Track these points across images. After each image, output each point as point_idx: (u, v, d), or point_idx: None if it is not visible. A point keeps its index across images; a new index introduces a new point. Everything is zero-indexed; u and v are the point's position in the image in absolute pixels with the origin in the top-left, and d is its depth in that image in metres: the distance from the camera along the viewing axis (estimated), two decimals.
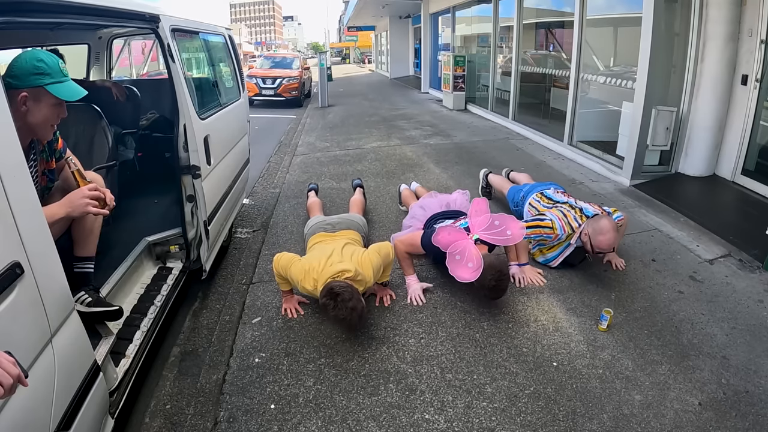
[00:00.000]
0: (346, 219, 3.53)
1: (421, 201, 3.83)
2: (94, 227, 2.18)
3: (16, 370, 1.04)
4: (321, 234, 3.28)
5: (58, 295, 1.49)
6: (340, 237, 3.19)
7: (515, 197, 4.05)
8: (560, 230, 3.22)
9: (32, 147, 1.90)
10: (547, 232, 3.25)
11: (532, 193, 3.83)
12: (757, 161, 4.75)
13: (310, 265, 2.70)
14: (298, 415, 2.19)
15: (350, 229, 3.36)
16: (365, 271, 2.71)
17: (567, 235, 3.23)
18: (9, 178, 1.28)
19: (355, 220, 3.54)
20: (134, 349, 2.22)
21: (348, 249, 2.87)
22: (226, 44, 4.13)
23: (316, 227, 3.41)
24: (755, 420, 2.12)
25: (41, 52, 1.81)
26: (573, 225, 3.23)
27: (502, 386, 2.34)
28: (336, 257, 2.74)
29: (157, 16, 2.57)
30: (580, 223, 3.23)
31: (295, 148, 7.65)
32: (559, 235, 3.23)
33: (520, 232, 2.98)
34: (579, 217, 3.26)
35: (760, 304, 2.99)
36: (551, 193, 3.70)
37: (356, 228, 3.41)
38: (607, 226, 3.01)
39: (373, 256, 2.81)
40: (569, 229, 3.22)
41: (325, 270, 2.63)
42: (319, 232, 3.31)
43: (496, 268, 2.73)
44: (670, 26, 5.06)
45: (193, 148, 2.78)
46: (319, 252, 2.85)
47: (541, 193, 3.75)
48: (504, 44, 9.86)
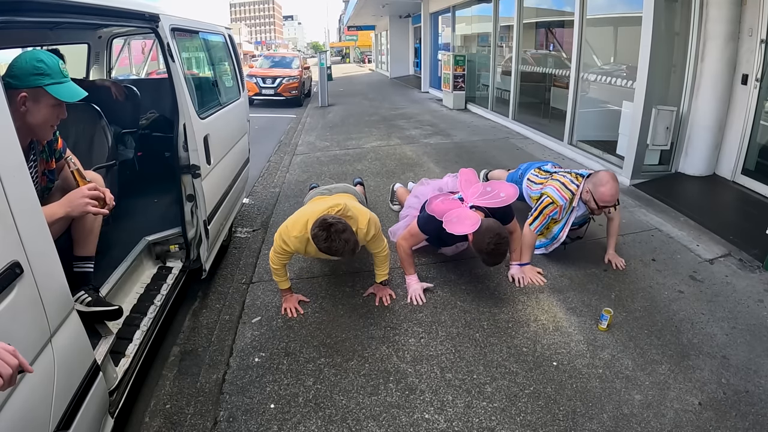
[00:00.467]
0: (343, 185, 3.56)
1: (414, 190, 3.85)
2: (94, 227, 2.18)
3: (15, 360, 1.03)
4: (317, 197, 3.26)
5: (58, 294, 1.49)
6: (336, 197, 3.17)
7: (514, 176, 4.04)
8: (560, 199, 3.20)
9: (32, 147, 1.89)
10: (551, 209, 3.23)
11: (530, 169, 3.85)
12: (757, 161, 4.74)
13: (299, 212, 2.73)
14: (298, 414, 2.20)
15: (347, 193, 3.37)
16: (358, 215, 2.71)
17: (569, 200, 3.23)
18: (9, 179, 1.28)
19: (352, 187, 3.60)
20: (134, 348, 2.22)
21: (342, 198, 2.88)
22: (225, 44, 4.13)
23: (312, 193, 3.46)
24: (755, 420, 2.12)
25: (41, 53, 1.81)
26: (571, 188, 3.22)
27: (502, 386, 2.34)
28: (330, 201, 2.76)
29: (156, 15, 2.57)
30: (577, 184, 3.22)
31: (295, 148, 7.65)
32: (561, 204, 3.21)
33: (513, 192, 2.97)
34: (575, 178, 3.26)
35: (760, 304, 2.99)
36: (548, 168, 3.74)
37: (353, 193, 3.43)
38: (606, 177, 3.02)
39: (365, 210, 2.85)
40: (568, 193, 3.21)
41: (315, 209, 2.64)
42: (315, 196, 3.32)
43: (495, 230, 2.67)
44: (671, 25, 5.06)
45: (193, 148, 2.78)
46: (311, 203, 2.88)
47: (539, 168, 3.78)
48: (504, 44, 9.85)
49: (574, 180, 3.25)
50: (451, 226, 2.78)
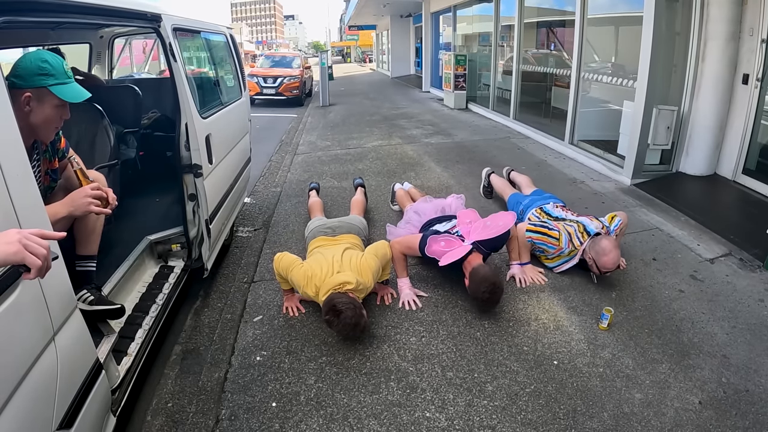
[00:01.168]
0: (346, 222, 3.52)
1: (416, 206, 3.82)
2: (96, 226, 2.19)
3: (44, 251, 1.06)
4: (321, 238, 3.28)
5: (61, 293, 1.50)
6: (340, 242, 3.19)
7: (515, 209, 4.02)
8: (565, 245, 3.23)
9: (35, 147, 1.90)
10: (551, 242, 3.26)
11: (531, 207, 3.80)
12: (758, 160, 4.74)
13: (312, 271, 2.72)
14: (300, 413, 2.20)
15: (350, 233, 3.37)
16: (365, 279, 2.73)
17: (570, 251, 3.24)
18: (12, 178, 1.29)
19: (355, 223, 3.54)
20: (136, 347, 2.23)
21: (347, 254, 2.88)
22: (227, 43, 4.14)
23: (316, 231, 3.41)
24: (755, 419, 2.12)
25: (46, 53, 1.81)
26: (575, 243, 3.23)
27: (502, 384, 2.35)
28: (337, 265, 2.76)
29: (158, 15, 2.57)
30: (582, 241, 3.23)
31: (296, 147, 7.66)
32: (562, 248, 3.23)
33: (511, 219, 3.04)
34: (581, 234, 3.25)
35: (761, 303, 2.99)
36: (550, 209, 3.69)
37: (356, 231, 3.42)
38: (608, 246, 3.02)
39: (371, 260, 2.83)
40: (572, 247, 3.23)
41: (327, 280, 2.65)
42: (320, 236, 3.31)
43: (490, 280, 2.74)
44: (671, 25, 5.06)
45: (195, 147, 2.79)
46: (320, 257, 2.86)
47: (540, 209, 3.72)
48: (505, 43, 9.85)
49: (580, 237, 3.25)
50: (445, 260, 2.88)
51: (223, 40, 4.06)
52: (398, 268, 3.12)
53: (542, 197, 3.95)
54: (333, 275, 2.68)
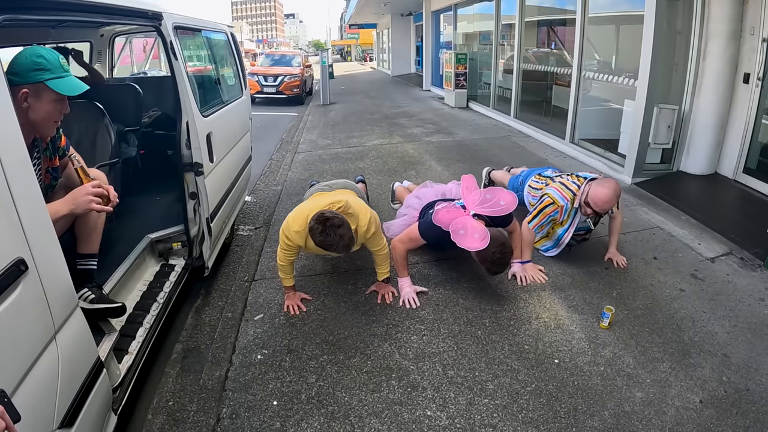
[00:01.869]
0: (343, 181, 3.57)
1: (417, 191, 3.84)
2: (98, 224, 2.19)
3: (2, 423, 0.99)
4: (318, 193, 3.28)
5: (62, 291, 1.50)
6: (337, 192, 3.19)
7: (515, 183, 4.07)
8: (561, 199, 3.21)
9: (36, 145, 1.90)
10: (552, 209, 3.24)
11: (531, 176, 3.87)
12: (759, 160, 4.74)
13: (301, 207, 2.75)
14: (301, 411, 2.20)
15: (347, 188, 3.39)
16: (359, 212, 2.73)
17: (570, 200, 3.23)
18: (13, 176, 1.28)
19: (352, 183, 3.59)
20: (137, 345, 2.23)
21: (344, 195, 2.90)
22: (228, 42, 4.14)
23: (313, 189, 3.47)
24: (756, 418, 2.12)
25: (41, 48, 1.80)
26: (572, 188, 3.23)
27: (503, 383, 2.35)
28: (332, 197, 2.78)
29: (159, 13, 2.57)
30: (578, 185, 3.23)
31: (296, 146, 7.65)
32: (563, 205, 3.22)
33: (512, 200, 3.00)
34: (576, 180, 3.26)
35: (761, 303, 2.99)
36: (549, 173, 3.75)
37: (353, 188, 3.44)
38: (608, 182, 3.05)
39: (365, 206, 2.86)
40: (570, 194, 3.22)
41: (317, 204, 2.66)
42: (316, 192, 3.33)
43: (500, 240, 2.74)
44: (672, 24, 5.05)
45: (196, 146, 2.79)
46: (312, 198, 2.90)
47: (539, 174, 3.79)
48: (506, 42, 9.84)
49: (575, 181, 3.26)
50: (460, 239, 2.80)
51: (223, 39, 4.06)
52: (399, 268, 3.12)
53: (540, 168, 4.01)
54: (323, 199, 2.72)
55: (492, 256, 2.72)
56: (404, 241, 3.10)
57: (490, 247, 2.70)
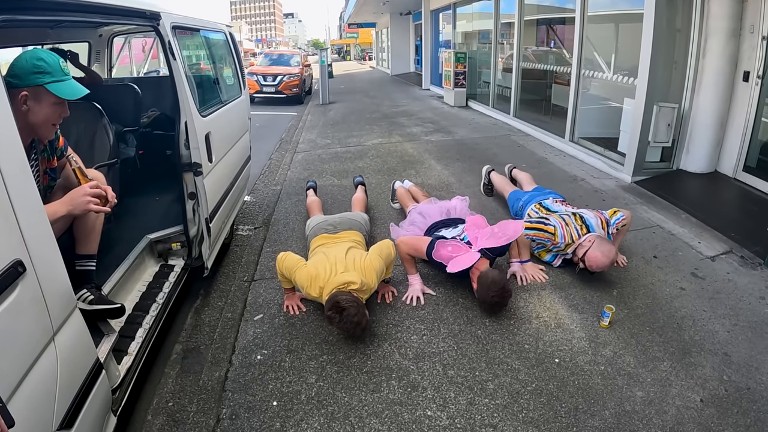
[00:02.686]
0: (347, 219, 3.51)
1: (420, 207, 3.79)
2: (96, 225, 2.18)
3: None
4: (323, 236, 3.27)
5: (61, 293, 1.49)
6: (343, 239, 3.19)
7: (515, 206, 4.03)
8: (560, 238, 3.21)
9: (33, 146, 1.89)
10: (547, 237, 3.25)
11: (531, 203, 3.79)
12: (759, 158, 4.74)
13: (316, 272, 2.71)
14: (301, 411, 2.20)
15: (352, 229, 3.36)
16: (369, 279, 2.72)
17: (566, 244, 3.23)
18: (11, 177, 1.28)
19: (356, 219, 3.53)
20: (136, 346, 2.22)
21: (351, 254, 2.86)
22: (226, 41, 4.13)
23: (317, 228, 3.39)
24: (757, 417, 2.12)
25: (42, 51, 1.81)
26: (573, 236, 3.22)
27: (504, 383, 2.34)
28: (341, 265, 2.74)
29: (157, 13, 2.56)
30: (580, 235, 3.22)
31: (296, 145, 7.65)
32: (558, 243, 3.22)
33: (519, 226, 3.01)
34: (580, 228, 3.24)
35: (762, 301, 2.99)
36: (549, 203, 3.68)
37: (358, 228, 3.41)
38: (608, 249, 3.02)
39: (375, 260, 2.82)
40: (569, 239, 3.21)
41: (331, 280, 2.65)
42: (321, 233, 3.30)
43: (500, 284, 2.73)
44: (672, 22, 5.04)
45: (195, 146, 2.78)
46: (323, 258, 2.84)
47: (540, 204, 3.72)
48: (505, 41, 9.84)
49: (578, 230, 3.23)
50: (453, 266, 2.85)
51: (222, 38, 4.05)
52: (407, 266, 3.13)
53: (542, 193, 3.94)
54: (337, 275, 2.67)
55: (491, 299, 2.74)
56: (408, 246, 3.10)
57: (489, 290, 2.73)
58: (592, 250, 3.04)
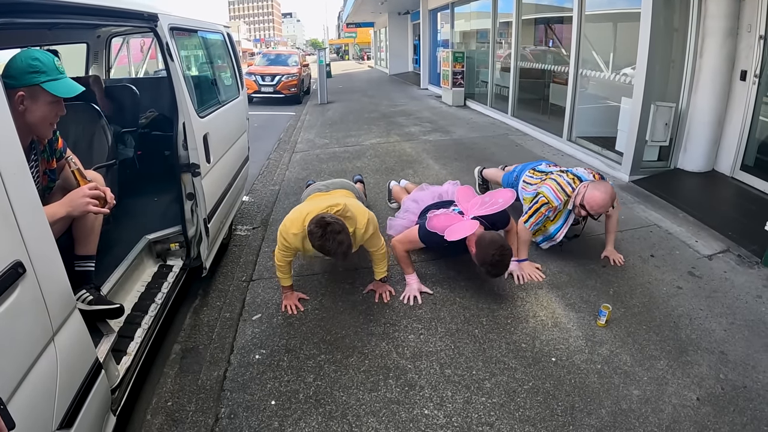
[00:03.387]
0: (340, 181, 3.59)
1: (413, 194, 3.84)
2: (95, 226, 2.19)
3: None
4: (315, 194, 3.31)
5: (60, 293, 1.50)
6: (335, 194, 3.22)
7: (509, 179, 4.06)
8: (556, 200, 3.22)
9: (33, 147, 1.90)
10: (546, 209, 3.25)
11: (525, 170, 3.84)
12: (756, 157, 4.75)
13: (299, 210, 2.75)
14: (299, 410, 2.21)
15: (344, 188, 3.41)
16: (357, 215, 2.73)
17: (564, 201, 3.24)
18: (10, 179, 1.29)
19: (350, 182, 3.61)
20: (135, 346, 2.23)
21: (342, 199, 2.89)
22: (224, 42, 4.13)
23: (310, 189, 3.49)
24: (753, 415, 2.13)
25: (36, 51, 1.81)
26: (567, 190, 3.23)
27: (500, 381, 2.36)
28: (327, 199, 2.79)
29: (155, 14, 2.56)
30: (573, 187, 3.23)
31: (294, 145, 7.65)
32: (556, 205, 3.23)
33: (510, 195, 3.04)
34: (572, 181, 3.26)
35: (759, 300, 3.00)
36: (543, 167, 3.74)
37: (351, 188, 3.46)
38: (604, 186, 3.06)
39: (363, 208, 2.87)
40: (564, 195, 3.23)
41: (314, 208, 2.67)
42: (314, 192, 3.35)
43: (498, 243, 2.73)
44: (669, 22, 5.05)
45: (193, 146, 2.79)
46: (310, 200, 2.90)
47: (533, 169, 3.77)
48: (503, 40, 9.85)
49: (571, 182, 3.26)
50: (452, 234, 2.83)
51: (220, 39, 4.06)
52: (403, 266, 3.14)
53: (534, 162, 3.99)
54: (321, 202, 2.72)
55: (492, 258, 2.71)
56: (403, 242, 3.11)
57: (489, 249, 2.71)
58: (589, 191, 3.09)
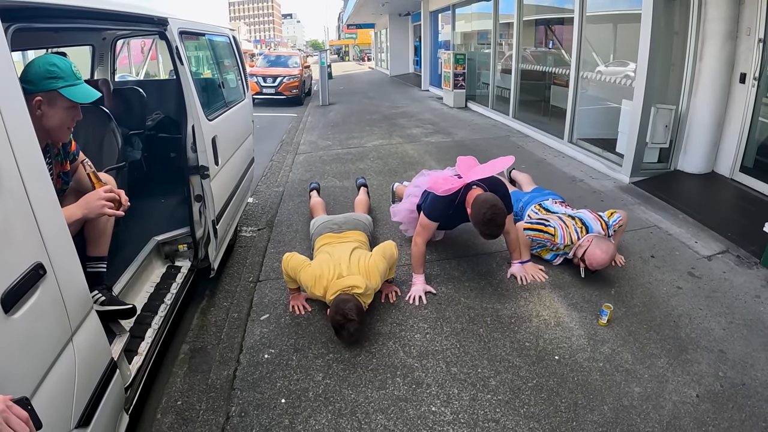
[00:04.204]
0: (351, 219, 3.56)
1: (415, 181, 3.92)
2: (107, 227, 2.23)
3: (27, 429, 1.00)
4: (328, 235, 3.32)
5: (78, 294, 1.53)
6: (347, 239, 3.24)
7: (514, 207, 4.06)
8: (560, 239, 3.26)
9: (47, 150, 1.94)
10: (547, 238, 3.30)
11: (531, 204, 3.83)
12: (756, 158, 4.79)
13: (320, 272, 2.75)
14: (309, 408, 2.25)
15: (356, 229, 3.40)
16: (373, 281, 2.77)
17: (566, 245, 3.29)
18: (31, 181, 1.32)
19: (360, 219, 3.58)
20: (146, 346, 2.26)
21: (355, 255, 2.90)
22: (230, 45, 4.17)
23: (322, 227, 3.44)
24: (752, 412, 2.18)
25: (53, 57, 1.83)
26: (573, 237, 3.27)
27: (505, 379, 2.40)
28: (344, 266, 2.78)
29: (165, 19, 2.61)
30: (579, 237, 3.27)
31: (297, 147, 7.69)
32: (558, 243, 3.28)
33: (508, 160, 3.08)
34: (580, 230, 3.30)
35: (757, 300, 3.04)
36: (549, 205, 3.72)
37: (362, 228, 3.45)
38: (608, 247, 3.10)
39: (379, 261, 2.85)
40: (569, 240, 3.27)
41: (335, 282, 2.69)
42: (326, 232, 3.35)
43: (491, 202, 2.74)
44: (670, 24, 5.09)
45: (202, 149, 2.82)
46: (327, 258, 2.88)
47: (539, 205, 3.75)
48: (504, 41, 9.88)
49: (578, 232, 3.28)
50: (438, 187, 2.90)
51: (226, 42, 4.10)
52: (415, 265, 3.17)
53: (542, 194, 3.98)
54: (342, 278, 2.71)
55: (483, 216, 2.72)
56: (420, 233, 3.14)
57: (481, 208, 2.72)
58: (591, 248, 3.11)
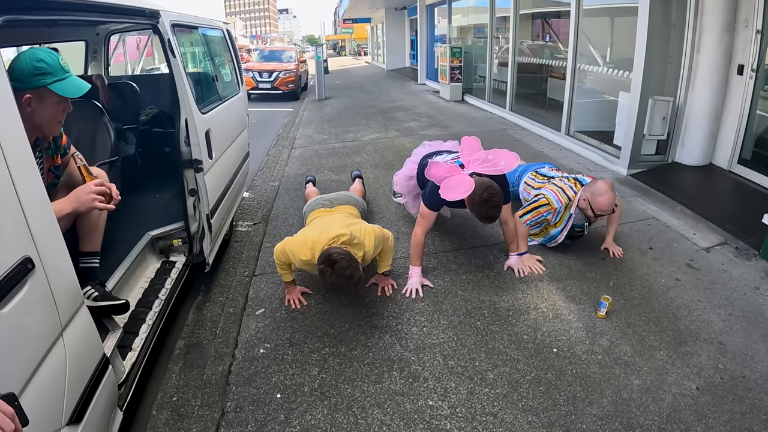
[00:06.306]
0: (344, 195, 3.57)
1: (415, 152, 3.90)
2: (99, 222, 2.20)
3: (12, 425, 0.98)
4: (319, 210, 3.32)
5: (68, 289, 1.51)
6: (339, 211, 3.23)
7: (510, 179, 4.06)
8: (557, 202, 3.25)
9: (38, 144, 1.91)
10: (545, 209, 3.28)
11: (527, 172, 3.86)
12: (753, 150, 4.77)
13: (305, 236, 2.74)
14: (304, 403, 2.24)
15: (348, 204, 3.41)
16: (364, 239, 2.74)
17: (565, 205, 3.27)
18: (19, 176, 1.29)
19: (352, 196, 3.60)
20: (140, 342, 2.24)
21: (347, 220, 2.89)
22: (224, 38, 4.13)
23: (313, 204, 3.46)
24: (752, 404, 2.17)
25: (40, 51, 1.78)
26: (569, 194, 3.26)
27: (503, 372, 2.38)
28: (333, 226, 2.76)
29: (157, 11, 2.57)
30: (575, 191, 3.26)
31: (293, 141, 7.66)
32: (557, 208, 3.25)
33: (514, 159, 3.02)
34: (574, 185, 3.29)
35: (756, 291, 3.03)
36: (545, 171, 3.75)
37: (354, 203, 3.46)
38: (604, 187, 3.11)
39: (375, 229, 2.85)
40: (566, 198, 3.26)
41: (321, 237, 2.66)
42: (318, 208, 3.35)
43: (487, 184, 2.72)
44: (667, 16, 5.06)
45: (195, 143, 2.79)
46: (316, 224, 2.88)
47: (536, 172, 3.79)
48: (500, 35, 9.85)
49: (573, 186, 3.29)
50: (447, 192, 2.82)
51: (220, 35, 4.06)
52: (413, 256, 3.14)
53: (537, 164, 4.01)
54: (328, 230, 2.68)
55: (479, 197, 2.70)
56: (420, 223, 3.11)
57: (477, 189, 2.70)
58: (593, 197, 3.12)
